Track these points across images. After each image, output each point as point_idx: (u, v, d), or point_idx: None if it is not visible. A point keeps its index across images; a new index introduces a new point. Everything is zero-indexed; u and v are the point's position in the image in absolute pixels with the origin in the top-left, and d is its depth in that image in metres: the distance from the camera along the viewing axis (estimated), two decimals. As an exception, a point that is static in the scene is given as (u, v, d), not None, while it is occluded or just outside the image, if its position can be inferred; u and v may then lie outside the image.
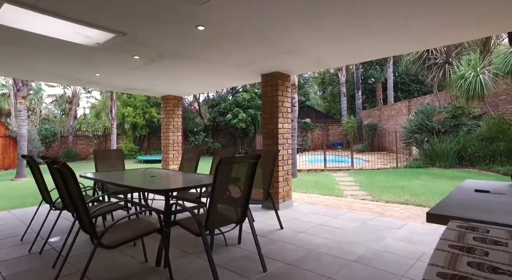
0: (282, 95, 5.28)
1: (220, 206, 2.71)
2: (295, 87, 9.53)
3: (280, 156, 5.20)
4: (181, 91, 7.24)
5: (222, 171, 2.45)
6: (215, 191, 2.48)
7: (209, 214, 2.51)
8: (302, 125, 22.50)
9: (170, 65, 4.61)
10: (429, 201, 5.58)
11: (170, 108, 7.63)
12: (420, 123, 11.48)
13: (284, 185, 5.28)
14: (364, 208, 5.22)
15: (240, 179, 2.70)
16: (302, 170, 10.88)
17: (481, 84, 9.34)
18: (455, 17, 2.94)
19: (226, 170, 2.51)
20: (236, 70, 5.09)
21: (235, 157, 2.58)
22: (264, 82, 5.40)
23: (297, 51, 3.95)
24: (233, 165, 2.57)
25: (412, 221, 4.40)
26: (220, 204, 2.69)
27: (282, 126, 5.26)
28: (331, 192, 6.77)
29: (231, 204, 2.81)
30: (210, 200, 2.48)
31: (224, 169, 2.46)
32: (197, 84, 6.42)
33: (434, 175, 8.77)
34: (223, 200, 2.71)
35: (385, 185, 7.53)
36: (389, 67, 20.59)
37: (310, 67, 5.10)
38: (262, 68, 5.00)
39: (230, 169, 2.56)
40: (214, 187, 2.45)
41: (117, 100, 20.31)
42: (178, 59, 4.32)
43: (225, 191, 2.72)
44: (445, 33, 3.43)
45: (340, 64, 5.02)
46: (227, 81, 6.22)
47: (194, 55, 4.11)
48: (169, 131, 7.60)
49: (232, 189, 2.95)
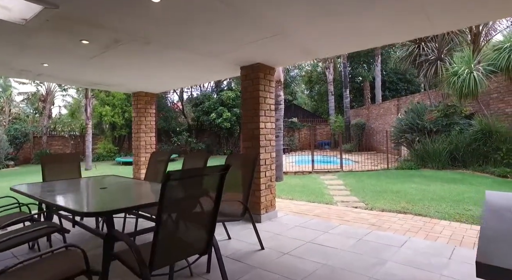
0: (264, 90, 4.60)
1: (175, 234, 2.00)
2: (281, 84, 8.88)
3: (262, 161, 4.52)
4: (153, 87, 6.46)
5: (172, 189, 1.74)
6: (163, 216, 1.78)
7: (155, 248, 1.80)
8: (289, 125, 21.92)
9: (131, 53, 3.86)
10: (428, 209, 5.02)
11: (142, 105, 6.84)
12: (411, 122, 11.03)
13: (266, 194, 4.60)
14: (358, 219, 4.60)
15: (200, 198, 2.00)
16: (288, 173, 10.24)
17: (475, 81, 8.92)
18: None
19: (179, 188, 1.81)
20: (211, 61, 4.38)
21: (192, 170, 1.88)
22: (243, 75, 4.71)
23: (282, 33, 3.27)
24: (189, 180, 1.87)
25: (413, 235, 3.81)
26: (174, 232, 1.99)
27: (264, 125, 4.58)
28: (320, 199, 6.14)
29: (191, 230, 2.11)
30: (155, 229, 1.78)
31: (174, 187, 1.75)
32: (170, 78, 5.67)
33: (427, 177, 8.28)
34: (177, 226, 2.01)
35: (377, 189, 6.96)
36: (377, 66, 20.24)
37: (296, 57, 4.44)
38: (241, 59, 4.31)
39: (185, 186, 1.86)
40: (160, 211, 1.75)
41: (94, 99, 19.23)
42: (140, 46, 3.57)
43: (180, 214, 2.01)
44: (457, 13, 2.82)
45: (332, 53, 4.39)
46: (203, 75, 5.49)
47: (156, 40, 3.37)
48: (141, 131, 6.81)
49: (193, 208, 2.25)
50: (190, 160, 4.15)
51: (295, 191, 7.06)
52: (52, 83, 19.87)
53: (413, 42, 11.62)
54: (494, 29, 14.49)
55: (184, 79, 5.91)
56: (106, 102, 18.75)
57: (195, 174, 1.89)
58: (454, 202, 5.50)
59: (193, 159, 4.13)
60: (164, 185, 1.69)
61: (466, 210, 4.91)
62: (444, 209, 5.02)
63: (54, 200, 2.56)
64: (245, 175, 3.40)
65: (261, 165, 4.50)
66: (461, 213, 4.72)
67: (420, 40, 11.46)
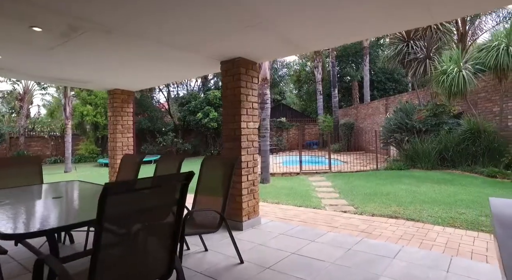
0: (246, 87, 4.24)
1: (123, 257, 1.62)
2: (267, 82, 8.54)
3: (244, 163, 4.16)
4: (130, 84, 6.03)
5: (114, 205, 1.36)
6: (103, 238, 1.40)
7: (94, 273, 1.42)
8: (277, 125, 21.64)
9: (94, 45, 3.44)
10: (421, 213, 4.75)
11: (118, 104, 6.38)
12: (400, 122, 10.87)
13: (249, 199, 4.24)
14: (347, 225, 4.29)
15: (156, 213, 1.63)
16: (276, 174, 9.92)
17: (464, 79, 8.78)
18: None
19: (124, 203, 1.43)
20: (189, 55, 4.00)
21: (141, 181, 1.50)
22: (223, 70, 4.34)
23: (261, 23, 2.92)
24: (137, 193, 1.49)
25: (407, 243, 3.51)
26: (121, 255, 1.60)
27: (246, 125, 4.22)
28: (307, 203, 5.83)
29: (145, 252, 1.73)
30: (93, 254, 1.39)
31: (118, 202, 1.38)
32: (146, 75, 5.25)
33: (417, 178, 8.08)
34: (126, 247, 1.62)
35: (367, 191, 6.69)
36: (365, 65, 20.14)
37: (280, 51, 4.09)
38: (220, 53, 3.94)
39: (132, 200, 1.48)
40: (99, 233, 1.36)
41: (76, 98, 18.51)
42: (103, 37, 3.16)
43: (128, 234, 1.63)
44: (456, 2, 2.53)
45: (319, 46, 4.07)
46: (181, 71, 5.10)
47: (118, 29, 2.97)
48: (117, 131, 6.35)
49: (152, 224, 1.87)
50: (163, 164, 3.76)
51: (282, 194, 6.73)
52: (30, 81, 19.01)
53: (402, 40, 11.48)
54: (480, 28, 14.58)
55: (162, 76, 5.49)
56: (87, 101, 18.05)
57: (143, 186, 1.51)
58: (446, 205, 5.26)
59: (166, 163, 3.73)
60: (102, 201, 1.31)
61: (459, 213, 4.67)
62: (437, 212, 4.77)
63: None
64: (223, 180, 3.03)
65: (243, 168, 4.14)
66: (455, 217, 4.47)
67: (408, 38, 11.32)
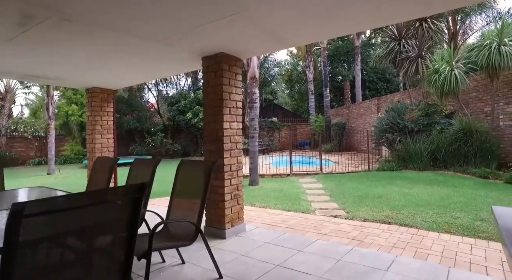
0: (229, 84, 3.95)
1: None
2: (256, 81, 8.26)
3: (227, 166, 3.87)
4: (109, 82, 5.67)
5: (31, 228, 1.06)
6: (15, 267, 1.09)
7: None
8: (269, 125, 21.39)
9: (55, 35, 3.10)
10: (414, 218, 4.53)
11: (97, 103, 6.01)
12: (392, 122, 10.70)
13: (232, 205, 3.95)
14: (337, 232, 4.03)
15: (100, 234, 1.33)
16: (265, 176, 9.65)
17: (456, 79, 8.64)
18: None
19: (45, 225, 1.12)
20: (167, 50, 3.70)
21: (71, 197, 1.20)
22: (205, 67, 4.04)
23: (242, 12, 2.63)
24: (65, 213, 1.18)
25: (401, 252, 3.27)
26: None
27: (229, 125, 3.92)
28: (296, 207, 5.56)
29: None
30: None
31: (36, 224, 1.07)
32: (124, 72, 4.92)
33: (410, 179, 7.90)
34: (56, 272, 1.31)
35: (358, 194, 6.46)
36: (357, 65, 20.03)
37: (265, 46, 3.81)
38: (201, 47, 3.65)
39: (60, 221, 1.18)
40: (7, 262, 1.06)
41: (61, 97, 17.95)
42: (66, 26, 2.83)
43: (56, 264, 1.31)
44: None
45: (307, 40, 3.82)
46: (162, 68, 4.78)
47: (82, 17, 2.64)
48: (96, 132, 5.98)
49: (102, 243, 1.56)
50: (136, 169, 3.44)
51: (271, 198, 6.46)
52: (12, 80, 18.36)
53: (394, 39, 11.33)
54: (470, 28, 14.56)
55: (142, 73, 5.16)
56: (73, 100, 17.51)
57: (73, 205, 1.20)
58: (440, 208, 5.05)
59: (140, 167, 3.41)
60: (13, 223, 1.00)
61: (454, 218, 4.46)
62: (431, 217, 4.55)
63: None
64: (200, 187, 2.73)
65: (226, 172, 3.84)
66: (450, 222, 4.25)
67: (400, 37, 11.17)
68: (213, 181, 3.93)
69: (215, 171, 3.88)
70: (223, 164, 3.83)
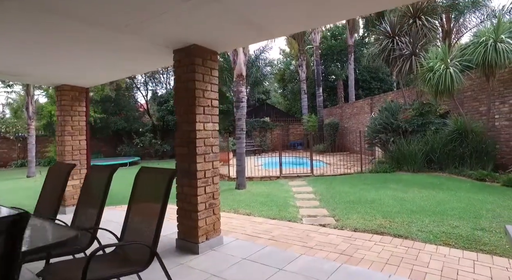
0: (203, 80, 3.52)
1: None
2: (243, 79, 7.83)
3: (200, 173, 3.44)
4: (79, 78, 5.22)
5: None
6: None
7: None
8: (261, 125, 20.96)
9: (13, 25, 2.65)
10: (409, 227, 4.14)
11: (67, 102, 5.54)
12: (385, 121, 10.35)
13: (207, 215, 3.52)
14: (324, 244, 3.62)
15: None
16: (254, 178, 9.22)
17: (451, 77, 8.31)
18: None
19: None
20: (134, 41, 3.28)
21: None
22: (176, 60, 3.61)
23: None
24: None
25: (395, 270, 2.87)
26: None
27: (203, 126, 3.49)
28: (283, 214, 5.15)
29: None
30: None
31: None
32: (93, 67, 4.46)
33: (404, 182, 7.54)
34: None
35: (350, 198, 6.08)
36: (350, 64, 19.70)
37: (244, 37, 3.38)
38: (171, 38, 3.22)
39: None
40: None
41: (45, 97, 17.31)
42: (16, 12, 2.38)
43: None
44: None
45: (290, 30, 3.42)
46: (134, 62, 4.31)
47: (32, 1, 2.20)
48: (66, 134, 5.50)
49: None
50: (94, 176, 2.99)
51: (257, 203, 6.04)
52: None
53: (387, 36, 10.98)
54: (465, 26, 14.31)
55: (112, 68, 4.70)
56: (57, 100, 16.86)
57: None
58: (436, 215, 4.68)
59: (95, 176, 2.96)
60: None
61: (452, 227, 4.09)
62: (427, 226, 4.17)
63: None
64: (157, 200, 2.29)
65: (199, 179, 3.41)
66: (448, 233, 3.87)
67: (393, 34, 10.83)
68: (185, 189, 3.51)
69: (187, 178, 3.46)
70: (196, 170, 3.40)
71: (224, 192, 7.38)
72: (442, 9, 13.38)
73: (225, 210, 5.53)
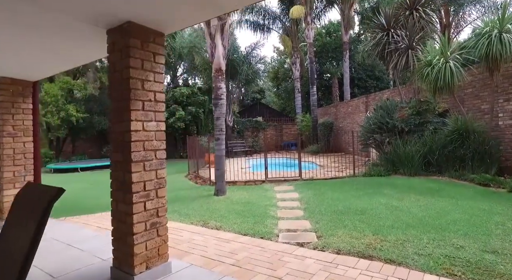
0: (142, 68, 2.77)
1: None
2: (222, 74, 7.08)
3: (137, 185, 2.69)
4: (22, 70, 4.45)
5: None
6: None
7: None
8: (253, 124, 20.22)
9: None
10: (405, 248, 3.41)
11: (7, 98, 4.74)
12: (380, 121, 9.64)
13: (148, 238, 2.77)
14: (298, 274, 2.88)
15: None
16: (238, 182, 8.49)
17: (451, 72, 7.60)
18: None
19: None
20: (57, 19, 2.52)
21: None
22: (110, 43, 2.85)
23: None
24: None
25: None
26: None
27: (142, 126, 2.74)
28: (258, 227, 4.41)
29: None
30: None
31: None
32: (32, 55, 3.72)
33: (400, 188, 6.82)
34: None
35: (338, 207, 5.35)
36: (345, 61, 18.99)
37: (191, 12, 2.65)
38: (100, 13, 2.48)
39: None
40: None
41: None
42: None
43: None
44: None
45: (244, 1, 2.62)
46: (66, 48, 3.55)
47: None
48: (5, 134, 4.72)
49: None
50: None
51: (232, 213, 5.30)
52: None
53: (382, 29, 10.25)
54: (464, 20, 13.63)
55: (51, 57, 3.94)
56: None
57: None
58: (436, 231, 3.96)
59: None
60: None
61: (456, 248, 3.36)
62: (426, 246, 3.44)
63: None
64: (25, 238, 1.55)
65: (135, 193, 2.66)
66: (451, 257, 3.14)
67: (388, 27, 10.10)
68: (120, 205, 2.76)
69: (122, 191, 2.71)
70: (131, 182, 2.65)
71: (199, 199, 6.65)
72: (441, 2, 12.67)
73: (193, 223, 4.80)
